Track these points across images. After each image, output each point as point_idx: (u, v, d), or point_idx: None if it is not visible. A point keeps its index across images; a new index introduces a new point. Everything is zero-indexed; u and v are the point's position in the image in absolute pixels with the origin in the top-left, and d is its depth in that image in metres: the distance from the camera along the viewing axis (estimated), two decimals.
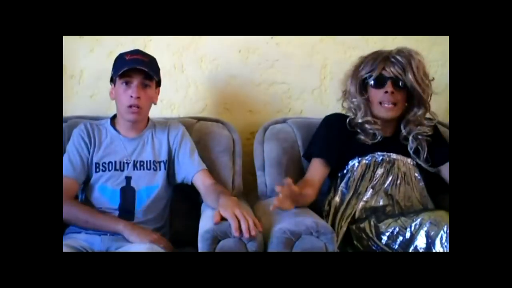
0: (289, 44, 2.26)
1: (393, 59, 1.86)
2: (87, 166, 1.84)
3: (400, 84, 1.86)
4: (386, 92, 1.85)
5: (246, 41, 2.23)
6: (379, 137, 1.90)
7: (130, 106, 1.79)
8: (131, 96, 1.78)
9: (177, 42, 2.21)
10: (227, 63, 2.25)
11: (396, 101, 1.87)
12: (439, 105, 2.26)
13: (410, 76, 1.84)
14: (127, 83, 1.79)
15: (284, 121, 2.13)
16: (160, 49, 2.18)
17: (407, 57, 1.86)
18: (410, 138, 1.91)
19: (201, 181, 1.85)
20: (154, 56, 1.88)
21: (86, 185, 1.85)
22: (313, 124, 2.03)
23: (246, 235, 1.52)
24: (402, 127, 1.93)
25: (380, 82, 1.87)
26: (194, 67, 2.24)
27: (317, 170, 1.89)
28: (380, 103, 1.87)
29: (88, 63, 2.20)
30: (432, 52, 2.32)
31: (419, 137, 1.92)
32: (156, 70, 1.85)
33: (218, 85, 2.26)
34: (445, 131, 2.08)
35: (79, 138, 1.86)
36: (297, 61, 2.27)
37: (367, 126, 1.89)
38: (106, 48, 2.17)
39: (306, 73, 2.28)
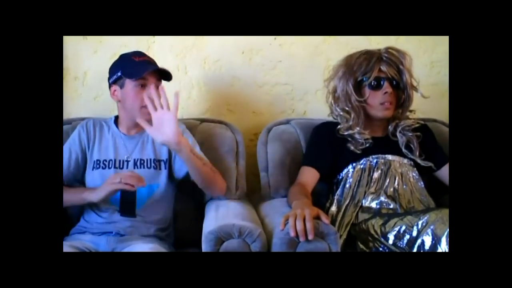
0: (292, 45, 2.26)
1: (386, 59, 1.88)
2: (78, 162, 1.85)
3: (396, 84, 1.89)
4: (385, 92, 1.86)
5: (249, 42, 2.24)
6: (367, 145, 1.90)
7: (145, 107, 1.77)
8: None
9: (180, 44, 2.22)
10: (230, 64, 2.25)
11: (393, 101, 1.89)
12: (442, 105, 2.26)
13: (404, 76, 1.88)
14: (142, 85, 1.79)
15: (287, 122, 2.13)
16: (163, 50, 2.19)
17: (398, 57, 1.88)
18: (398, 134, 1.93)
19: None
20: (158, 58, 1.89)
21: (88, 183, 1.85)
22: (316, 125, 2.03)
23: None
24: (389, 124, 1.94)
25: (378, 84, 1.88)
26: (197, 68, 2.24)
27: (306, 175, 1.89)
28: (381, 104, 1.88)
29: (91, 64, 2.20)
30: (436, 53, 2.32)
31: (407, 132, 1.93)
32: None
33: (222, 86, 2.26)
34: (446, 131, 2.09)
35: (76, 134, 1.88)
36: (300, 62, 2.27)
37: (356, 136, 1.90)
38: (109, 49, 2.17)
39: (309, 74, 2.28)
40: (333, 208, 1.87)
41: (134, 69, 1.79)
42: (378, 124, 1.95)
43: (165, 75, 1.85)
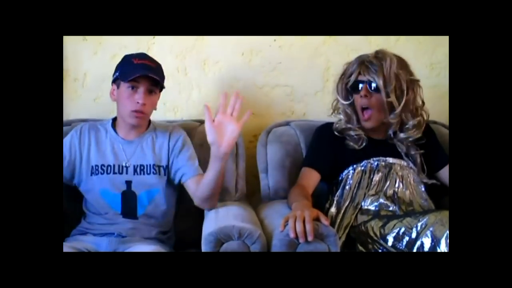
0: (292, 47, 2.26)
1: (367, 63, 1.86)
2: (68, 168, 1.82)
3: (373, 87, 1.85)
4: (361, 96, 1.86)
5: (249, 43, 2.24)
6: (364, 143, 1.90)
7: (134, 111, 1.78)
8: (138, 102, 1.76)
9: (180, 45, 2.21)
10: (230, 66, 2.25)
11: (371, 105, 1.86)
12: (442, 107, 2.26)
13: (380, 78, 1.82)
14: (133, 87, 1.77)
15: (287, 123, 2.13)
16: (163, 51, 2.18)
17: (380, 60, 1.85)
18: (396, 142, 1.92)
19: (195, 185, 1.81)
20: (158, 59, 1.87)
21: (86, 188, 1.84)
22: (316, 126, 2.03)
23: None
24: (390, 128, 1.93)
25: (356, 87, 1.88)
26: (197, 69, 2.24)
27: (307, 177, 1.88)
28: (361, 109, 1.88)
29: (91, 66, 2.20)
30: (436, 54, 2.32)
31: (408, 143, 1.91)
32: (163, 76, 1.83)
33: (221, 88, 2.25)
34: (446, 133, 2.09)
35: (68, 138, 1.86)
36: (300, 64, 2.27)
37: (350, 132, 1.90)
38: (109, 51, 2.17)
39: (309, 76, 2.28)
40: (333, 209, 1.87)
41: (128, 71, 1.78)
42: (376, 128, 1.94)
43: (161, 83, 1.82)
